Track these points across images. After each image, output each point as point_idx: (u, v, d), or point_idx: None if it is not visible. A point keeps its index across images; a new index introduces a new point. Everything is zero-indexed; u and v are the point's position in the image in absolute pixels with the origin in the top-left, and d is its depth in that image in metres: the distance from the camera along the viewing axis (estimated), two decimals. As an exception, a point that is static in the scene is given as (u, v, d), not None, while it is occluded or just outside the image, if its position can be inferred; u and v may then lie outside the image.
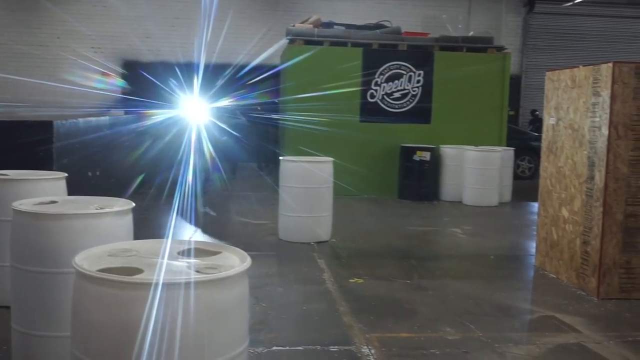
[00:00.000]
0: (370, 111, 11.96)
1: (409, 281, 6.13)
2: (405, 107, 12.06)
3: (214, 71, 16.36)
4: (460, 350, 4.35)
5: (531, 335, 4.73)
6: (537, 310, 5.36)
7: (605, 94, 5.64)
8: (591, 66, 5.99)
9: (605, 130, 5.63)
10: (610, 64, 5.66)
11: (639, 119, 5.56)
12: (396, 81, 12.00)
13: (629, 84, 5.56)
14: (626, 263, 5.62)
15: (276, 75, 14.53)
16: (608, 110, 5.59)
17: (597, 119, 5.76)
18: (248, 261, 2.66)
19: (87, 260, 2.64)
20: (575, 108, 6.17)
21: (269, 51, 15.70)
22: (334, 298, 5.51)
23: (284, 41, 12.36)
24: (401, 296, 5.62)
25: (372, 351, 4.29)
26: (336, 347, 4.38)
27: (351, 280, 6.05)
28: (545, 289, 6.06)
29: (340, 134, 11.45)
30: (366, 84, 11.89)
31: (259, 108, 13.56)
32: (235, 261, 2.73)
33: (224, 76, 15.63)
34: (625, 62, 5.69)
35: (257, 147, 14.49)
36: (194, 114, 8.41)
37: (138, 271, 2.51)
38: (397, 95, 12.01)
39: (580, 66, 6.25)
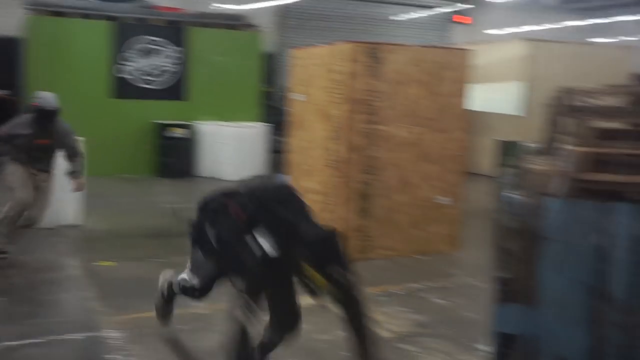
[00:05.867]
0: (122, 88, 11.43)
1: (162, 260, 5.99)
2: (160, 83, 11.74)
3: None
4: (208, 322, 4.37)
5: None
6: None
7: (345, 71, 6.01)
8: (333, 45, 6.35)
9: (344, 106, 6.01)
10: (349, 44, 6.04)
11: (370, 94, 6.02)
12: (150, 57, 11.62)
13: (364, 62, 5.99)
14: (362, 227, 6.09)
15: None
16: (347, 87, 5.98)
17: (338, 95, 6.12)
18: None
19: None
20: (319, 85, 6.48)
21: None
22: (81, 284, 5.26)
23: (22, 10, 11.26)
24: (153, 276, 5.38)
25: (121, 334, 4.17)
26: (82, 334, 4.22)
27: (99, 264, 5.78)
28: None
29: (89, 111, 10.76)
30: (117, 59, 11.34)
31: None
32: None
33: None
34: (361, 42, 6.12)
35: None
36: None
37: None
38: (151, 71, 11.64)
39: (323, 45, 6.60)
